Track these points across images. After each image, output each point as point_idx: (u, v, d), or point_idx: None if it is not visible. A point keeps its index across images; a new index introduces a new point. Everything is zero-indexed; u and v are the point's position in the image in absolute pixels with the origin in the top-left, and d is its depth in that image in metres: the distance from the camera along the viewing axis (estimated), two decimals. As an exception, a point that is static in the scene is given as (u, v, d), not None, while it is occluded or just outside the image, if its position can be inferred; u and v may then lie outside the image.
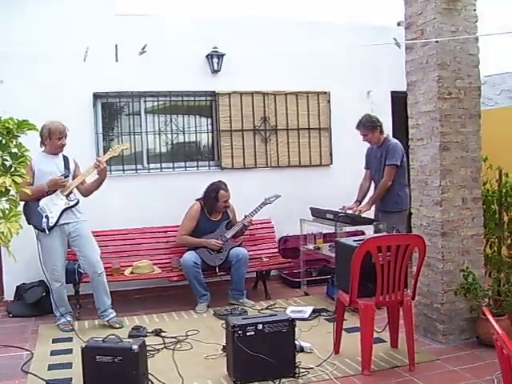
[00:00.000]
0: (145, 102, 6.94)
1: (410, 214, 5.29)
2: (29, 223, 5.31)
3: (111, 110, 6.91)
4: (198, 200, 6.42)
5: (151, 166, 6.94)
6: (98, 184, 5.57)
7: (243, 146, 7.16)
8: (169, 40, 6.45)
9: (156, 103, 7.04)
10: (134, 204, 6.66)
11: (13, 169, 3.56)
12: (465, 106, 4.79)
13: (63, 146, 5.48)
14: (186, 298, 6.34)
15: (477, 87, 4.84)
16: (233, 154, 7.13)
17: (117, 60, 4.67)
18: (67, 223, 5.43)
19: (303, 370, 4.30)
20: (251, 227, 6.61)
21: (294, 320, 4.29)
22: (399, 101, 7.55)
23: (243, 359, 4.11)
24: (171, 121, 7.12)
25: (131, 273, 6.22)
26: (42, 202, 5.34)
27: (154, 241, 6.67)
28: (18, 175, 3.52)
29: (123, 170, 6.73)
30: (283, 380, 4.16)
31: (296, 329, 4.33)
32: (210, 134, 7.27)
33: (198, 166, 7.13)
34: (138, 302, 6.47)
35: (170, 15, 6.88)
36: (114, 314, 5.63)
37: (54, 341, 5.24)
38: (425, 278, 4.89)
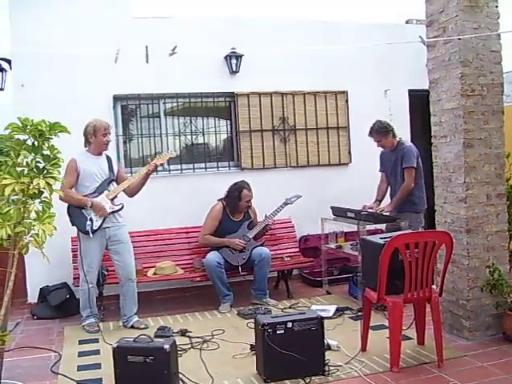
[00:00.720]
0: (164, 103, 6.99)
1: (432, 211, 5.30)
2: (72, 224, 5.39)
3: (131, 112, 6.94)
4: (220, 200, 6.46)
5: (171, 167, 6.97)
6: (141, 186, 5.63)
7: (262, 146, 7.20)
8: (187, 42, 6.47)
9: (175, 105, 7.09)
10: (155, 205, 6.69)
11: (46, 171, 3.59)
12: (488, 102, 4.80)
13: (108, 142, 5.53)
14: (208, 298, 6.39)
15: (499, 84, 4.85)
16: (252, 154, 7.17)
17: (147, 61, 4.72)
18: (108, 227, 5.47)
19: (332, 368, 4.32)
20: (272, 227, 6.64)
21: (322, 318, 4.31)
22: (416, 99, 7.60)
23: (273, 357, 4.13)
24: (191, 122, 7.18)
25: (154, 274, 6.27)
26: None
27: (176, 242, 6.72)
28: (52, 177, 3.56)
29: (144, 172, 6.75)
30: (313, 378, 4.18)
31: (321, 327, 4.35)
32: (230, 135, 7.32)
33: (218, 167, 7.17)
34: (161, 302, 6.51)
35: (188, 17, 6.92)
36: (137, 318, 5.67)
37: (81, 342, 5.28)
38: (450, 274, 4.88)
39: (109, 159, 5.60)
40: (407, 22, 8.19)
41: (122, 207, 5.54)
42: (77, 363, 4.73)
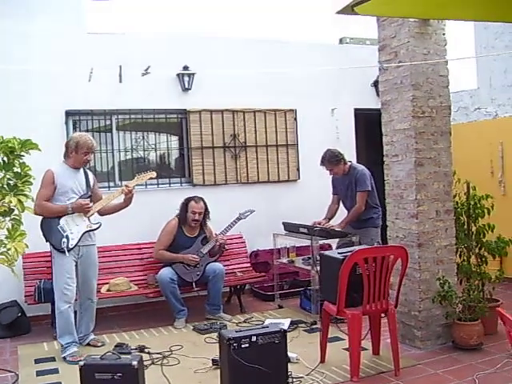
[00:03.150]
0: (117, 119, 6.97)
1: (384, 228, 5.54)
2: (46, 241, 5.14)
3: (83, 127, 6.85)
4: (176, 216, 6.50)
5: (124, 183, 6.91)
6: (119, 209, 5.54)
7: (214, 162, 7.29)
8: (141, 58, 6.52)
9: (128, 121, 7.08)
10: (107, 221, 6.61)
11: (16, 189, 3.57)
12: (437, 124, 5.11)
13: (88, 161, 5.39)
14: (161, 314, 6.39)
15: (447, 106, 5.18)
16: (204, 170, 7.24)
17: (120, 81, 4.72)
18: (82, 245, 5.28)
19: (295, 380, 4.45)
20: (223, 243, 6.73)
21: (286, 331, 4.42)
22: (362, 118, 7.92)
23: (239, 371, 4.18)
24: (143, 138, 7.19)
25: (108, 290, 6.22)
26: (63, 221, 5.16)
27: (129, 258, 6.70)
28: (23, 195, 3.54)
29: (96, 188, 6.71)
30: (278, 390, 4.29)
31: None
32: (181, 151, 7.37)
33: (170, 183, 7.19)
34: (115, 319, 6.44)
35: (142, 34, 6.97)
36: (93, 335, 5.59)
37: (37, 361, 5.18)
38: (402, 287, 5.08)
39: (86, 174, 5.42)
40: (341, 41, 8.49)
41: (100, 226, 5.38)
42: (36, 383, 4.66)
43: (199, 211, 6.45)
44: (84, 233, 5.25)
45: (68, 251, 5.12)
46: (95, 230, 5.36)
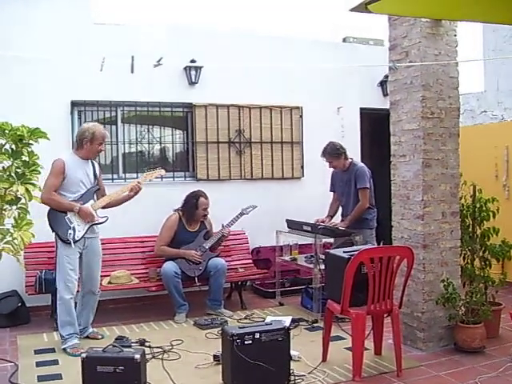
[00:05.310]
0: (122, 111, 6.93)
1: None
2: (53, 231, 5.09)
3: (88, 118, 6.80)
4: (175, 211, 6.47)
5: (127, 175, 6.92)
6: (122, 202, 5.52)
7: (218, 157, 7.26)
8: (147, 50, 6.48)
9: (133, 113, 7.05)
10: (110, 213, 6.57)
11: (24, 177, 3.54)
12: (445, 125, 5.08)
13: (101, 151, 5.38)
14: (162, 308, 6.37)
15: (456, 108, 5.15)
16: (208, 165, 7.21)
17: (132, 71, 4.67)
18: (87, 237, 5.25)
19: (297, 378, 4.42)
20: (226, 239, 6.70)
21: (289, 329, 4.41)
22: (367, 117, 7.90)
23: (241, 367, 4.19)
24: (148, 131, 7.16)
25: (109, 283, 6.19)
26: (70, 212, 5.13)
27: (131, 251, 6.67)
28: (31, 183, 3.50)
29: (99, 180, 6.67)
30: (280, 387, 4.27)
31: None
32: (186, 145, 7.34)
33: (173, 177, 7.15)
34: (115, 312, 6.41)
35: (150, 26, 6.92)
36: (92, 328, 5.54)
37: (37, 352, 5.16)
38: (406, 288, 5.09)
39: (94, 165, 5.38)
40: (344, 40, 8.45)
41: (106, 220, 5.35)
42: (36, 373, 4.63)
43: (207, 206, 6.46)
44: (90, 226, 5.24)
45: (74, 243, 5.09)
46: (102, 223, 5.34)
